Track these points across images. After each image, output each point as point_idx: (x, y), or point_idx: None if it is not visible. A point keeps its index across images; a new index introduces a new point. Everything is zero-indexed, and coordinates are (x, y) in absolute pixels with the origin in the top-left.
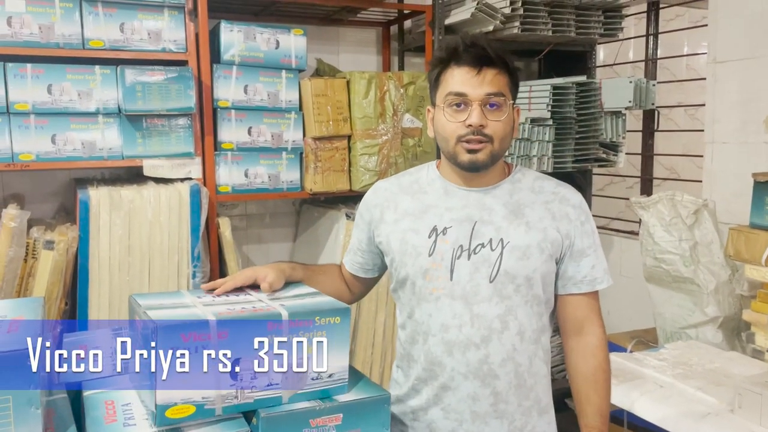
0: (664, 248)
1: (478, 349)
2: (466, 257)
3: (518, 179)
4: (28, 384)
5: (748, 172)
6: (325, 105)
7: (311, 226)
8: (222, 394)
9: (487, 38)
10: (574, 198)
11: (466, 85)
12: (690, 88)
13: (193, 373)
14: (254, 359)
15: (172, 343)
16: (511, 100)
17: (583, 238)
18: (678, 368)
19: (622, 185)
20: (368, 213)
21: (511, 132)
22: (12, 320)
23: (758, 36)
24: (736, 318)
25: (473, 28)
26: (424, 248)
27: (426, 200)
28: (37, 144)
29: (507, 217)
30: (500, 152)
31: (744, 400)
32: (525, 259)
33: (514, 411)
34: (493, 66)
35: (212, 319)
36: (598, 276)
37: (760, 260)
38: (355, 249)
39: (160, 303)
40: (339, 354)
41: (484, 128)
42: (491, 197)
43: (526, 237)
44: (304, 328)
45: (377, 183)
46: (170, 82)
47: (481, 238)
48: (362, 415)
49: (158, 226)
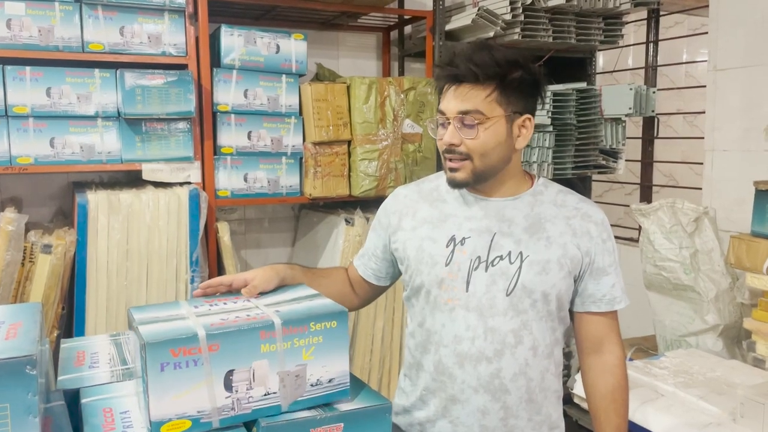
0: (664, 255)
1: (490, 362)
2: (483, 269)
3: (540, 191)
4: (26, 392)
5: (749, 180)
6: (325, 110)
7: (310, 231)
8: (218, 407)
9: (476, 49)
10: (597, 215)
11: (444, 102)
12: (689, 95)
13: (186, 388)
14: (249, 369)
15: (161, 358)
16: (503, 113)
17: (604, 256)
18: (679, 377)
19: (621, 192)
20: (386, 218)
21: (499, 146)
22: (10, 326)
23: (759, 44)
24: (736, 326)
25: (474, 34)
26: (441, 257)
27: (445, 209)
28: (36, 147)
29: (527, 230)
30: (485, 169)
31: (746, 410)
32: (544, 274)
33: (524, 426)
34: (469, 82)
35: (202, 333)
36: (618, 295)
37: (761, 268)
38: (370, 254)
39: (155, 316)
40: (338, 359)
41: (457, 146)
42: (512, 208)
43: (546, 252)
44: (299, 335)
45: (398, 189)
46: (170, 85)
47: (499, 250)
48: (363, 425)
49: (157, 230)
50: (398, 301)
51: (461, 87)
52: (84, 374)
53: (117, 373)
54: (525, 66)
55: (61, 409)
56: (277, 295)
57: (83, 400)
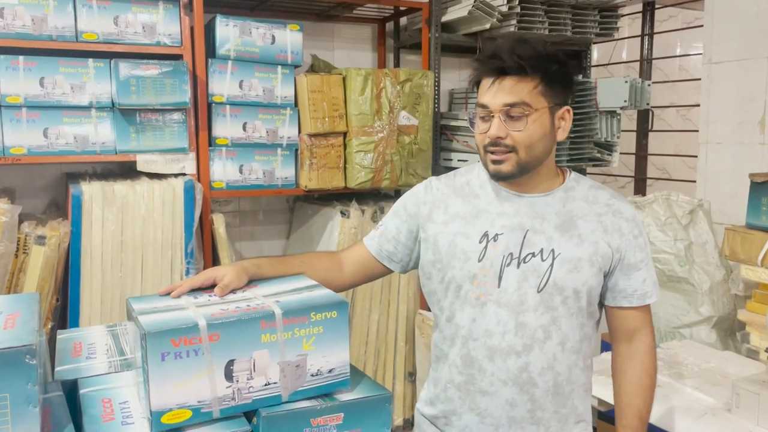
0: (659, 248)
1: (519, 357)
2: (515, 265)
3: (572, 187)
4: (26, 381)
5: (743, 172)
6: (321, 101)
7: (305, 223)
8: (218, 397)
9: (517, 42)
10: (628, 211)
11: (488, 95)
12: (682, 88)
13: (187, 377)
14: (249, 359)
15: (162, 348)
16: (547, 104)
17: (636, 252)
18: (674, 368)
19: (614, 185)
20: (416, 207)
21: (544, 138)
22: (8, 316)
23: (753, 37)
24: (729, 318)
25: (470, 25)
26: (473, 253)
27: (478, 204)
28: (29, 138)
29: (559, 227)
30: (530, 161)
31: (741, 400)
32: (575, 272)
33: (550, 418)
34: (515, 74)
35: (202, 323)
36: (649, 290)
37: (756, 260)
38: (390, 237)
39: (154, 306)
40: (338, 348)
41: (503, 139)
42: (544, 205)
43: (578, 250)
44: (300, 325)
45: (431, 179)
46: (165, 76)
47: (532, 247)
48: (363, 415)
49: (151, 221)
50: (393, 293)
51: (506, 80)
52: (81, 365)
53: (115, 363)
54: (563, 59)
55: (59, 399)
56: (276, 286)
57: (81, 391)
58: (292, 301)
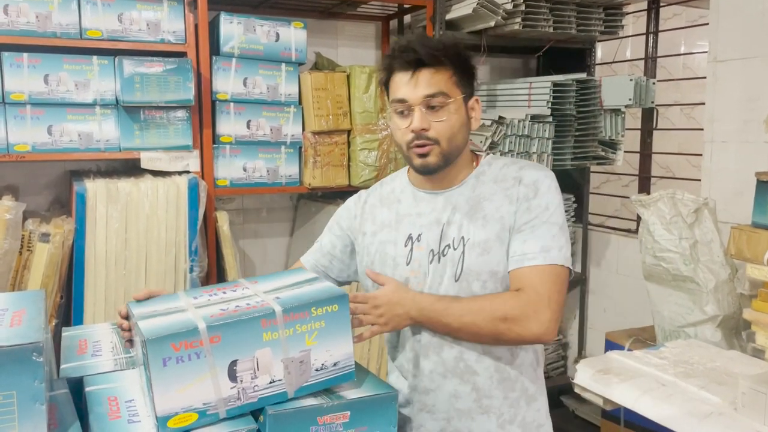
0: (664, 246)
1: (452, 347)
2: (437, 261)
3: (483, 171)
4: (33, 379)
5: (748, 171)
6: (325, 99)
7: (309, 221)
8: (224, 398)
9: (425, 36)
10: (529, 176)
11: (406, 89)
12: (686, 86)
13: (190, 381)
14: (252, 359)
15: (163, 353)
16: (461, 94)
17: (524, 214)
18: (679, 367)
19: (618, 183)
20: (347, 221)
21: (463, 128)
22: (14, 313)
23: (759, 35)
24: (735, 317)
25: (474, 23)
26: (401, 258)
27: (400, 210)
28: (33, 135)
29: (467, 213)
30: (452, 151)
31: (747, 399)
32: (486, 254)
33: (501, 404)
34: (430, 66)
35: (202, 325)
36: (530, 252)
37: (761, 259)
38: (325, 251)
39: (153, 310)
40: (341, 341)
41: (426, 131)
42: (457, 195)
43: (484, 231)
44: (301, 321)
45: (360, 193)
46: (169, 73)
47: (447, 239)
48: (370, 413)
49: (155, 219)
50: None
51: (423, 72)
52: (87, 362)
53: (120, 361)
54: (467, 51)
55: (65, 397)
56: (275, 281)
57: (87, 389)
58: (292, 296)
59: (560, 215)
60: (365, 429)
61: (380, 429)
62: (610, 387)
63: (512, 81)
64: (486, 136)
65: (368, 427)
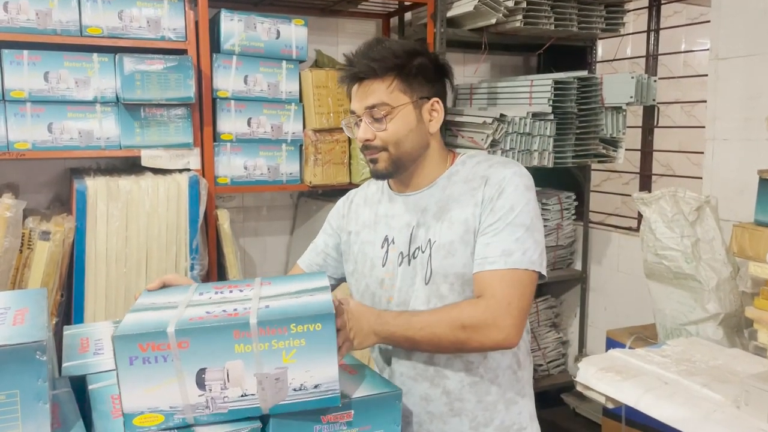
0: (665, 244)
1: (422, 352)
2: (407, 263)
3: (456, 171)
4: (36, 378)
5: (750, 169)
6: (326, 97)
7: (309, 219)
8: (191, 404)
9: (371, 46)
10: (496, 176)
11: (353, 102)
12: (687, 84)
13: (156, 382)
14: (222, 369)
15: (129, 352)
16: (408, 100)
17: (487, 216)
18: (682, 365)
19: (618, 182)
20: (337, 221)
21: (412, 133)
22: (17, 312)
23: (761, 33)
24: (736, 315)
25: (475, 21)
26: (378, 259)
27: (379, 210)
28: (34, 132)
29: (436, 215)
30: (402, 156)
31: (751, 398)
32: (451, 256)
33: (474, 408)
34: (371, 77)
35: (171, 329)
36: (491, 256)
37: (764, 257)
38: (320, 251)
39: (152, 302)
40: (325, 363)
41: (371, 141)
42: (428, 197)
43: (449, 233)
44: (278, 336)
45: (350, 192)
46: (169, 71)
47: (417, 242)
48: (373, 412)
49: (156, 217)
50: None
51: (363, 84)
52: (89, 361)
53: None
54: (423, 53)
55: (67, 396)
56: (286, 285)
57: (90, 387)
58: (278, 308)
59: (527, 216)
60: (369, 428)
61: (384, 428)
62: (613, 385)
63: (513, 78)
64: (487, 134)
65: (371, 425)
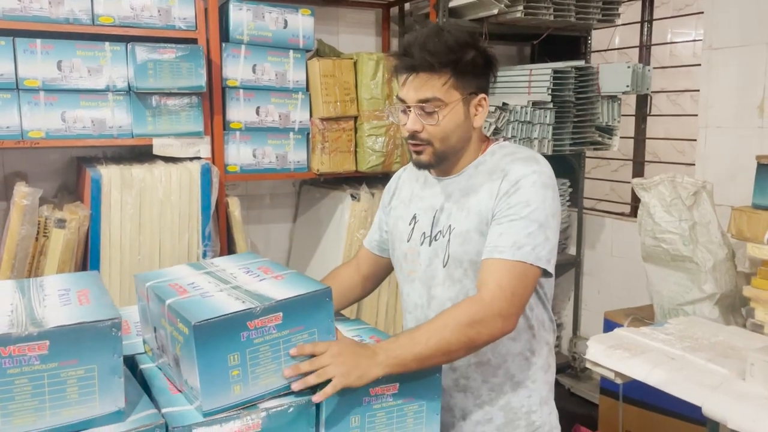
0: (664, 228)
1: None
2: (428, 244)
3: (483, 161)
4: (112, 353)
5: (742, 155)
6: (333, 85)
7: (312, 206)
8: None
9: (428, 37)
10: (516, 172)
11: (404, 90)
12: (672, 74)
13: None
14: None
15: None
16: (460, 96)
17: (503, 208)
18: (685, 342)
19: (607, 168)
20: (387, 196)
21: (458, 128)
22: (78, 292)
23: (753, 23)
24: (731, 295)
25: (477, 11)
26: (405, 234)
27: (415, 189)
28: (47, 121)
29: (457, 202)
30: (446, 150)
31: (755, 370)
32: (466, 244)
33: (479, 387)
34: (426, 70)
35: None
36: (501, 245)
37: (762, 239)
38: (377, 227)
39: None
40: (191, 370)
41: (419, 133)
42: (454, 184)
43: (467, 222)
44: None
45: (402, 168)
46: (181, 60)
47: (439, 225)
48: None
49: (169, 205)
50: None
51: (418, 76)
52: (134, 341)
53: None
54: (477, 46)
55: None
56: (288, 284)
57: (142, 366)
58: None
59: (542, 213)
60: (301, 328)
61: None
62: (622, 362)
63: (512, 68)
64: (490, 122)
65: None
